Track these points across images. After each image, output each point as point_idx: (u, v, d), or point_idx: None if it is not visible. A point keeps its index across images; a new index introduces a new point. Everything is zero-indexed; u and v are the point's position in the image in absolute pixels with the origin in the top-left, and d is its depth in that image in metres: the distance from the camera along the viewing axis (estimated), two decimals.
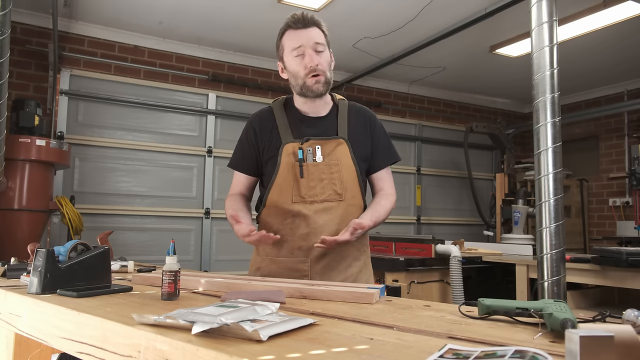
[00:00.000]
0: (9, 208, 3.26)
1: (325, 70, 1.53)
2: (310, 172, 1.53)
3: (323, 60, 1.53)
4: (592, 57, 4.81)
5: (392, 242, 3.74)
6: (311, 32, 1.52)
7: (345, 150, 1.56)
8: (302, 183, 1.53)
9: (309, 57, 1.51)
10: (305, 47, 1.51)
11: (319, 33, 1.54)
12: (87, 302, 1.08)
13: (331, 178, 1.54)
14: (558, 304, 0.85)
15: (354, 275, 1.57)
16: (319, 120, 1.61)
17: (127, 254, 2.90)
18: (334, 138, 1.57)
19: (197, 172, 4.67)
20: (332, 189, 1.54)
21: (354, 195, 1.57)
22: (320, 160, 1.54)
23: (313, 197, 1.53)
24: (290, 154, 1.55)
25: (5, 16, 2.33)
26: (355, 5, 3.76)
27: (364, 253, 1.63)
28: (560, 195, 2.12)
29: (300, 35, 1.52)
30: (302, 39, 1.51)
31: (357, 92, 5.56)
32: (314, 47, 1.51)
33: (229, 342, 0.73)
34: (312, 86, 1.52)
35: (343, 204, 1.54)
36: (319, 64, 1.51)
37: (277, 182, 1.55)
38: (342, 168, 1.55)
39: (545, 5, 2.16)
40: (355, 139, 1.60)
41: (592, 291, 3.12)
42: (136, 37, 4.44)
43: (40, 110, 3.54)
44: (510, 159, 5.72)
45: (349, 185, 1.56)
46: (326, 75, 1.53)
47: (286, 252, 1.56)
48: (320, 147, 1.55)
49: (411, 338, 0.78)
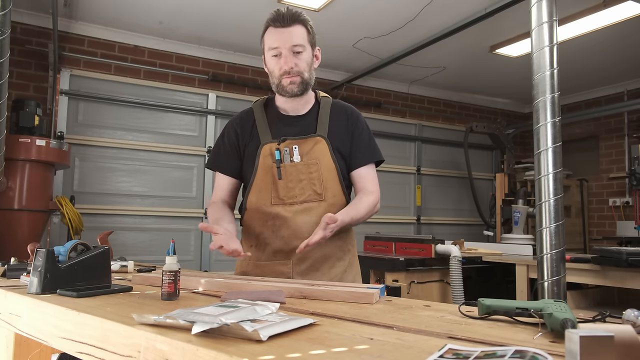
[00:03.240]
0: (9, 208, 3.26)
1: (302, 71, 1.50)
2: (289, 172, 1.51)
3: (301, 61, 1.49)
4: (592, 57, 4.81)
5: (392, 242, 3.74)
6: (292, 31, 1.47)
7: (324, 148, 1.53)
8: (280, 185, 1.51)
9: (284, 58, 1.48)
10: (282, 48, 1.47)
11: (301, 32, 1.49)
12: (87, 302, 1.07)
13: (310, 178, 1.51)
14: (558, 304, 0.85)
15: (339, 276, 1.55)
16: (298, 118, 1.59)
17: (127, 254, 2.90)
18: (311, 136, 1.54)
19: (197, 172, 4.67)
20: (312, 189, 1.51)
21: (335, 194, 1.54)
22: (298, 160, 1.52)
23: (292, 199, 1.50)
24: (267, 155, 1.52)
25: (5, 16, 2.33)
26: (355, 5, 3.76)
27: (348, 252, 1.60)
28: (560, 195, 2.12)
29: (279, 35, 1.48)
30: (280, 40, 1.47)
31: (357, 92, 5.56)
32: (291, 48, 1.47)
33: (229, 342, 0.73)
34: (287, 87, 1.50)
35: (324, 204, 1.51)
36: (295, 66, 1.48)
37: (255, 184, 1.53)
38: (321, 167, 1.52)
39: (545, 5, 2.16)
40: (336, 137, 1.56)
41: (592, 291, 3.12)
42: (136, 37, 4.44)
43: (40, 110, 3.54)
44: (510, 159, 5.72)
45: (329, 184, 1.53)
46: (303, 76, 1.50)
47: (269, 254, 1.54)
48: (297, 147, 1.52)
49: (411, 338, 0.78)
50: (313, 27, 1.55)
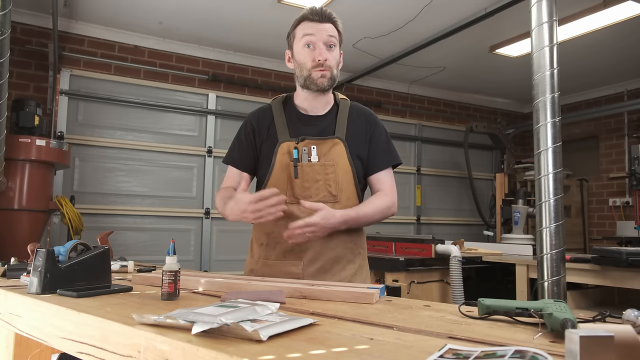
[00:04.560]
0: (9, 208, 3.26)
1: (332, 66, 1.52)
2: (305, 172, 1.51)
3: (332, 56, 1.52)
4: (592, 57, 4.81)
5: (392, 242, 3.74)
6: (326, 27, 1.51)
7: (342, 151, 1.54)
8: (296, 183, 1.51)
9: (319, 50, 1.50)
10: (317, 39, 1.50)
11: (334, 30, 1.53)
12: (87, 302, 1.07)
13: (326, 179, 1.52)
14: (558, 304, 0.85)
15: (348, 278, 1.54)
16: (318, 119, 1.59)
17: (127, 254, 2.90)
18: (330, 138, 1.55)
19: (197, 172, 4.67)
20: (327, 190, 1.52)
21: (349, 197, 1.54)
22: (316, 161, 1.52)
23: (307, 198, 1.49)
24: (285, 153, 1.53)
25: (5, 16, 2.33)
26: (355, 5, 3.76)
27: (358, 255, 1.59)
28: (560, 195, 2.12)
29: (315, 27, 1.51)
30: (315, 31, 1.50)
31: (357, 92, 5.56)
32: (326, 41, 1.50)
33: (229, 342, 0.73)
34: (317, 79, 1.51)
35: (338, 206, 1.51)
36: (328, 59, 1.50)
37: (271, 182, 1.53)
38: (337, 169, 1.52)
39: (545, 5, 2.16)
40: (354, 140, 1.57)
41: (592, 291, 3.12)
42: (136, 37, 4.44)
43: (40, 110, 3.54)
44: (510, 159, 5.72)
45: (344, 186, 1.53)
46: (332, 72, 1.52)
47: (279, 254, 1.54)
48: (315, 147, 1.53)
49: (411, 338, 0.78)
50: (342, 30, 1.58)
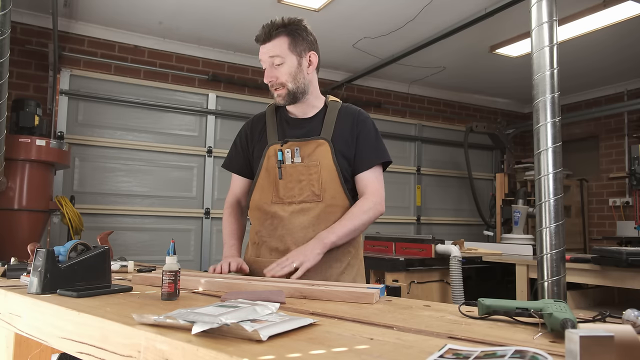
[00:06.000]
0: (9, 208, 3.26)
1: (284, 82, 1.55)
2: (289, 173, 1.56)
3: (281, 73, 1.55)
4: (592, 57, 4.81)
5: (392, 242, 3.74)
6: (270, 45, 1.53)
7: (326, 151, 1.56)
8: (280, 184, 1.57)
9: (266, 72, 1.57)
10: (264, 61, 1.56)
11: (280, 43, 1.53)
12: (87, 302, 1.07)
13: (310, 179, 1.55)
14: (558, 304, 0.85)
15: (334, 276, 1.55)
16: (305, 121, 1.64)
17: (127, 254, 2.90)
18: (314, 139, 1.58)
19: (197, 172, 4.67)
20: (311, 190, 1.55)
21: (334, 196, 1.56)
22: (299, 162, 1.57)
23: (291, 199, 1.56)
24: (272, 155, 1.60)
25: (5, 16, 2.33)
26: (355, 5, 3.76)
27: (347, 254, 1.60)
28: (560, 195, 2.12)
29: (261, 50, 1.57)
30: (261, 55, 1.57)
31: (357, 92, 5.56)
32: (269, 62, 1.55)
33: (229, 342, 0.73)
34: (276, 98, 1.60)
35: (321, 205, 1.54)
36: (275, 78, 1.55)
37: (259, 184, 1.62)
38: (321, 169, 1.55)
39: (545, 5, 2.16)
40: (340, 140, 1.58)
41: (592, 291, 3.12)
42: (136, 37, 4.44)
43: (40, 110, 3.54)
44: (510, 159, 5.73)
45: (328, 185, 1.55)
46: (287, 87, 1.55)
47: (265, 252, 1.61)
48: (299, 149, 1.58)
49: (411, 338, 0.78)
50: (306, 32, 1.57)
